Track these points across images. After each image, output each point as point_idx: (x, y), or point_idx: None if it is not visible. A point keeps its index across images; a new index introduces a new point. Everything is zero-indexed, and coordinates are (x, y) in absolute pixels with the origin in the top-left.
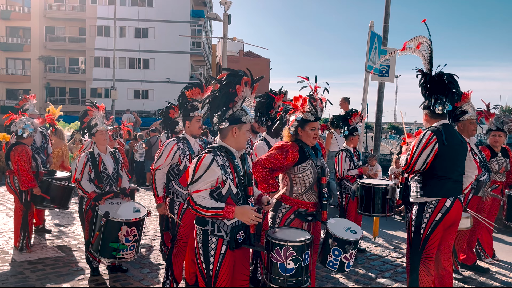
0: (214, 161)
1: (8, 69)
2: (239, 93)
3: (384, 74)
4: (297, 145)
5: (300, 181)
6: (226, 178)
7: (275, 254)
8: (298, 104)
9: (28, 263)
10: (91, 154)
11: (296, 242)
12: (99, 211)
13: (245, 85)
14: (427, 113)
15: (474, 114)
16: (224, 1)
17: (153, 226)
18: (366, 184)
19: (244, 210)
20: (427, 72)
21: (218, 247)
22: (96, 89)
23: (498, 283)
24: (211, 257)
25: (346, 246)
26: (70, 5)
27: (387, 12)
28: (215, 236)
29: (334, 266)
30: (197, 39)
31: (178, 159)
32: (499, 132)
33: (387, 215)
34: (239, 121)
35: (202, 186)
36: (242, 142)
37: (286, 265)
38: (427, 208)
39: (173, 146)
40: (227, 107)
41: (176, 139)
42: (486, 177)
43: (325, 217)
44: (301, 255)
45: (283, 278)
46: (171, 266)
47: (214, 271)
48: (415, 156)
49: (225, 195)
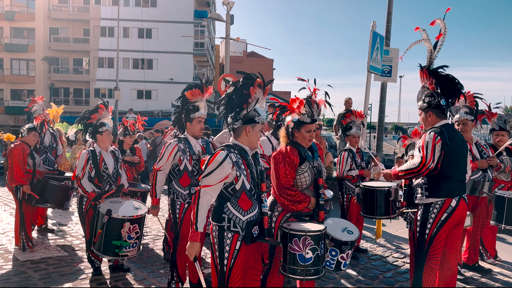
0: (227, 157)
1: (12, 69)
2: (252, 94)
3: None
4: (296, 149)
5: (297, 182)
6: (240, 174)
7: (294, 245)
8: (295, 106)
9: (31, 263)
10: (93, 152)
11: (314, 232)
12: (101, 210)
13: (258, 87)
14: (433, 113)
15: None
16: (226, 2)
17: (155, 226)
18: (369, 186)
19: (194, 246)
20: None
21: (233, 242)
22: (99, 89)
23: (500, 283)
24: (226, 252)
25: (343, 246)
26: (74, 6)
27: (389, 12)
28: (231, 232)
29: (331, 266)
30: (200, 39)
31: (178, 160)
32: (502, 132)
33: (391, 217)
34: (253, 121)
35: (211, 181)
36: (255, 140)
37: (304, 255)
38: (433, 209)
39: (174, 147)
40: (241, 107)
41: (178, 140)
42: (480, 176)
43: (322, 217)
44: (317, 244)
45: (303, 268)
46: (176, 267)
47: (228, 266)
48: (429, 156)
49: (239, 190)
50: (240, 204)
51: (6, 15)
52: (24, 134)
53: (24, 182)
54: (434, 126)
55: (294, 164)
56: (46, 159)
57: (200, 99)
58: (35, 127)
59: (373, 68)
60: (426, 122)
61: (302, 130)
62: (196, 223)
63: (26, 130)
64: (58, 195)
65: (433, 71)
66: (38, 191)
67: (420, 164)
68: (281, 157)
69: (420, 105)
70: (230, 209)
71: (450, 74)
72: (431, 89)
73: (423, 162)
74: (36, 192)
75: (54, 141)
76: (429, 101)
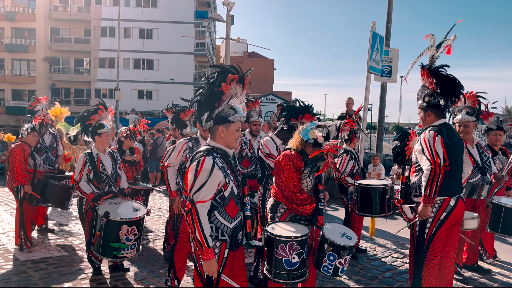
0: (215, 164)
1: (13, 70)
2: (226, 91)
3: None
4: (301, 155)
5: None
6: (228, 181)
7: (280, 250)
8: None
9: (31, 262)
10: (90, 154)
11: (300, 237)
12: (99, 211)
13: (235, 82)
14: (432, 112)
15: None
16: (227, 2)
17: (155, 226)
18: (364, 184)
19: (212, 264)
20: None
21: (222, 251)
22: (100, 89)
23: (499, 284)
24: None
25: (341, 251)
26: (75, 6)
27: (389, 13)
28: (219, 241)
29: (328, 271)
30: (201, 39)
31: (185, 158)
32: (500, 131)
33: (386, 215)
34: (226, 121)
35: (206, 195)
36: (231, 141)
37: (291, 260)
38: (432, 208)
39: (184, 145)
40: (213, 106)
41: (188, 139)
42: (478, 179)
43: (321, 222)
44: (303, 248)
45: (288, 273)
46: (173, 263)
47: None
48: (434, 154)
49: (227, 197)
50: (227, 211)
51: (7, 15)
52: (24, 135)
53: (26, 183)
54: (433, 124)
55: (299, 169)
56: (47, 159)
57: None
58: (34, 127)
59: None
60: (424, 121)
61: (316, 148)
62: (205, 242)
63: (26, 130)
64: (59, 194)
65: (433, 71)
66: (39, 191)
67: (432, 166)
68: (288, 161)
69: (420, 104)
70: (217, 218)
71: (450, 74)
72: (431, 89)
73: (433, 163)
74: (37, 192)
75: (55, 141)
76: (429, 101)
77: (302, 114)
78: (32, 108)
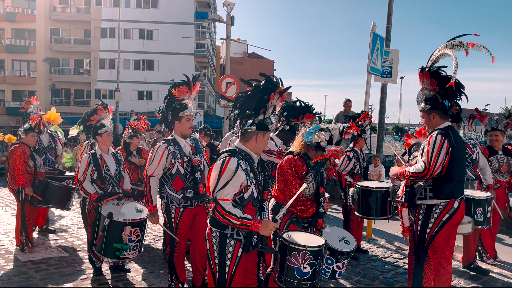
0: (239, 166)
1: (13, 70)
2: (271, 101)
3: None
4: (304, 160)
5: (303, 191)
6: (250, 183)
7: (292, 258)
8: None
9: (31, 263)
10: (94, 155)
11: (314, 248)
12: (103, 212)
13: (278, 95)
14: (437, 114)
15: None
16: (227, 3)
17: (155, 227)
18: (366, 187)
19: (267, 225)
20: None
21: (236, 250)
22: (100, 90)
23: (499, 284)
24: (228, 260)
25: (339, 256)
26: (75, 7)
27: (389, 13)
28: (234, 240)
29: (326, 274)
30: (201, 40)
31: (170, 163)
32: (495, 132)
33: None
34: (266, 129)
35: (229, 193)
36: (262, 148)
37: (302, 269)
38: (435, 209)
39: (164, 150)
40: (258, 112)
41: (166, 142)
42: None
43: (321, 225)
44: (316, 259)
45: (299, 282)
46: (174, 270)
47: (230, 273)
48: (433, 161)
49: (247, 199)
50: (245, 212)
51: (7, 16)
52: (23, 136)
53: (26, 184)
54: (438, 127)
55: (301, 175)
56: (46, 159)
57: (188, 97)
58: (32, 128)
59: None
60: (429, 124)
61: (319, 152)
62: (245, 219)
63: (24, 131)
64: (60, 195)
65: (434, 73)
66: (40, 192)
67: (424, 170)
68: (290, 167)
69: (422, 107)
70: None
71: (450, 75)
72: (434, 91)
73: (427, 168)
74: (38, 193)
75: (53, 141)
76: (432, 103)
77: (303, 114)
78: (25, 111)
